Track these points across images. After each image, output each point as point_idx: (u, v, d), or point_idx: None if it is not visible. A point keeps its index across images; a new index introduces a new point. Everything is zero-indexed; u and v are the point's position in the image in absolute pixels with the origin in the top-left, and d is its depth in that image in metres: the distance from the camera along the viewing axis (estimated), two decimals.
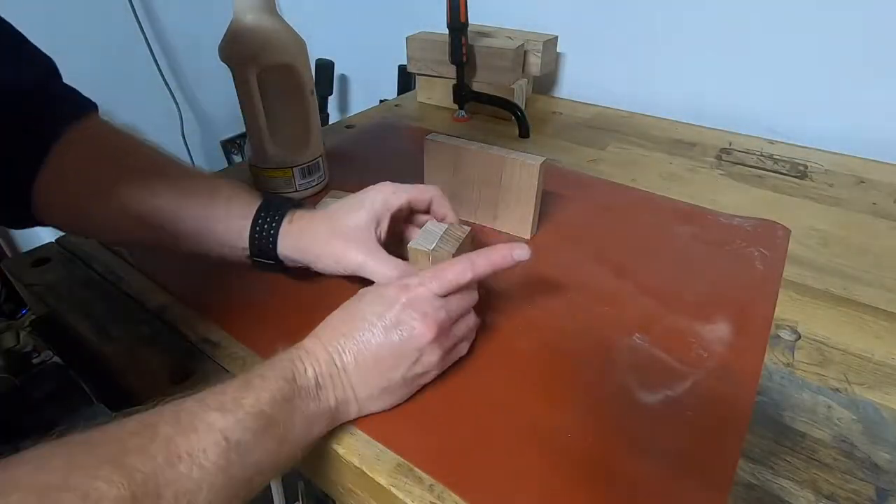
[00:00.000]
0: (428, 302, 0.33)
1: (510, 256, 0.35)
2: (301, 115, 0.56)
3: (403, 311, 0.32)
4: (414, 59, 0.85)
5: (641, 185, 0.62)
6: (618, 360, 0.38)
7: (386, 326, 0.32)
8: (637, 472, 0.30)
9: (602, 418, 0.33)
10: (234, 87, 0.51)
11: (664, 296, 0.44)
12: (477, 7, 0.76)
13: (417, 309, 0.32)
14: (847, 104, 0.71)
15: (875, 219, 0.56)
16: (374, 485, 0.31)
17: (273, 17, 0.50)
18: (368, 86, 1.32)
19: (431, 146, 0.52)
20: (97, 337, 0.40)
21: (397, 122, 0.82)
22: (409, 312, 0.32)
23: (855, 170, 0.66)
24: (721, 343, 0.39)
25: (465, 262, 0.34)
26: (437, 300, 0.33)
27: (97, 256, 0.49)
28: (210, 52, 0.52)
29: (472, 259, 0.34)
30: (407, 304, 0.32)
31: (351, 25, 1.23)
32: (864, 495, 0.30)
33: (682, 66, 0.81)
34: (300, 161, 0.56)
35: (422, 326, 0.32)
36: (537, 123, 0.79)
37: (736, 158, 0.69)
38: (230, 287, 0.45)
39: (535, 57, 0.81)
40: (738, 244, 0.51)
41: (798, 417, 0.34)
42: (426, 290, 0.33)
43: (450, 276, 0.33)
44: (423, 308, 0.32)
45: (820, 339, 0.41)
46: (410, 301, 0.32)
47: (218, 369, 0.37)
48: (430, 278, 0.33)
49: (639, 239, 0.52)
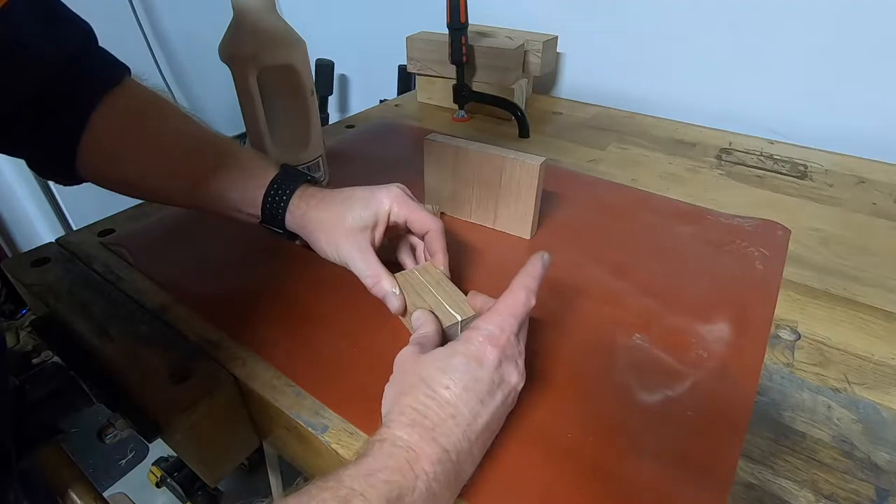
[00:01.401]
0: (513, 346, 0.31)
1: (544, 265, 0.34)
2: (301, 115, 0.55)
3: (500, 369, 0.30)
4: (414, 59, 0.85)
5: (641, 185, 0.62)
6: (618, 360, 0.38)
7: (492, 392, 0.29)
8: (637, 472, 0.30)
9: (602, 418, 0.33)
10: (234, 87, 0.51)
11: (664, 296, 0.44)
12: (477, 7, 0.76)
13: (510, 359, 0.31)
14: (847, 104, 0.71)
15: (875, 219, 0.56)
16: None
17: (273, 17, 0.50)
18: (368, 86, 1.32)
19: (431, 146, 0.52)
20: (97, 337, 0.40)
21: (397, 122, 0.82)
22: (506, 367, 0.30)
23: (855, 170, 0.66)
24: (721, 343, 0.39)
25: (524, 290, 0.32)
26: (516, 339, 0.32)
27: (97, 256, 0.49)
28: (210, 52, 0.52)
29: (527, 284, 0.32)
30: (502, 359, 0.30)
31: (351, 25, 1.23)
32: (864, 495, 0.30)
33: (683, 67, 0.81)
34: (300, 161, 0.56)
35: (517, 376, 0.31)
36: (537, 123, 0.79)
37: (736, 158, 0.69)
38: (230, 287, 0.45)
39: (535, 57, 0.81)
40: (738, 244, 0.51)
41: (798, 417, 0.34)
42: (510, 337, 0.31)
43: (521, 310, 0.32)
44: (513, 356, 0.31)
45: (820, 339, 0.41)
46: (504, 356, 0.30)
47: (218, 369, 0.37)
48: (506, 320, 0.31)
49: (639, 239, 0.52)
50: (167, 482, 1.00)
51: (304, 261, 0.47)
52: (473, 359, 0.29)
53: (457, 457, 0.27)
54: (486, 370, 0.29)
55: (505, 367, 0.30)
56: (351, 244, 0.39)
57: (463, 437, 0.27)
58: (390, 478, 0.24)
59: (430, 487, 0.25)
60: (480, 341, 0.30)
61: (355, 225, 0.40)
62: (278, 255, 0.49)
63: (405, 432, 0.26)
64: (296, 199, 0.41)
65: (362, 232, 0.40)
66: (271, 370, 0.37)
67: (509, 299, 0.32)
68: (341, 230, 0.40)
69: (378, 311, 0.42)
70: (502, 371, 0.30)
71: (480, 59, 0.78)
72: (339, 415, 0.34)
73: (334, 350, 0.39)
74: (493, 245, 0.51)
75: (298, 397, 0.35)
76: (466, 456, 0.28)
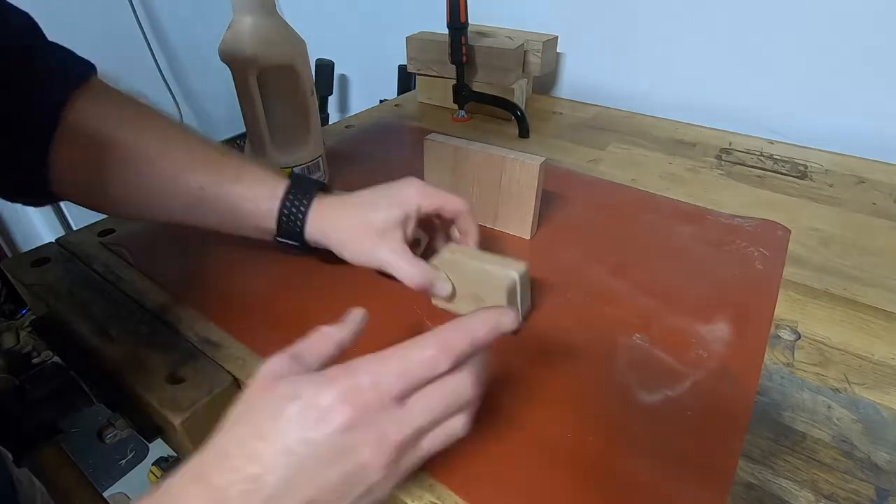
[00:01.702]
0: (385, 413, 0.22)
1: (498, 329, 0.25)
2: (301, 116, 0.55)
3: (350, 435, 0.21)
4: (414, 59, 0.85)
5: (641, 185, 0.62)
6: (618, 360, 0.38)
7: (328, 462, 0.21)
8: (637, 472, 0.30)
9: (602, 418, 0.33)
10: (234, 87, 0.51)
11: (664, 296, 0.44)
12: (477, 7, 0.76)
13: (370, 427, 0.22)
14: (847, 104, 0.71)
15: (875, 219, 0.56)
16: None
17: (273, 18, 0.50)
18: (368, 86, 1.32)
19: (431, 146, 0.52)
20: (97, 337, 0.40)
21: (397, 122, 0.82)
22: (360, 436, 0.22)
23: (855, 170, 0.66)
24: (721, 343, 0.39)
25: (435, 348, 0.23)
26: (396, 408, 0.22)
27: (97, 256, 0.49)
28: (210, 52, 0.52)
29: (448, 342, 0.23)
30: (357, 424, 0.21)
31: (351, 25, 1.23)
32: (864, 495, 0.30)
33: (683, 66, 0.81)
34: (300, 161, 0.56)
35: (376, 457, 0.22)
36: (537, 123, 0.79)
37: (736, 158, 0.69)
38: (230, 287, 0.45)
39: (535, 57, 0.81)
40: (738, 244, 0.51)
41: (798, 417, 0.34)
42: (383, 400, 0.22)
43: (417, 371, 0.23)
44: (379, 426, 0.22)
45: (820, 339, 0.41)
46: (362, 421, 0.22)
47: (218, 369, 0.37)
48: (388, 375, 0.22)
49: (639, 239, 0.52)
50: None
51: (304, 261, 0.47)
52: (314, 410, 0.21)
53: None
54: (325, 432, 0.21)
55: (359, 435, 0.21)
56: (385, 246, 0.38)
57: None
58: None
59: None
60: (332, 385, 0.22)
61: (387, 226, 0.38)
62: (278, 255, 0.49)
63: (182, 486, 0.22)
64: (315, 207, 0.39)
65: (393, 231, 0.38)
66: None
67: (410, 350, 0.23)
68: (372, 234, 0.38)
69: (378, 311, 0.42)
70: (353, 439, 0.21)
71: (480, 59, 0.78)
72: None
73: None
74: (493, 245, 0.50)
75: None
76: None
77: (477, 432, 0.32)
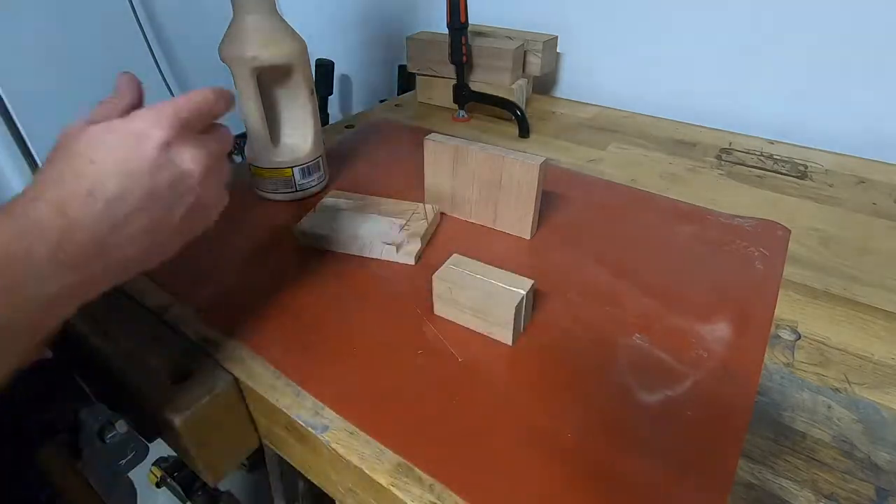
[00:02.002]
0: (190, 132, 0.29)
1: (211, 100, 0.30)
2: (301, 115, 0.56)
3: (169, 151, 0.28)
4: (414, 59, 0.85)
5: (641, 185, 0.62)
6: (618, 360, 0.38)
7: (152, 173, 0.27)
8: (637, 472, 0.30)
9: (602, 418, 0.33)
10: (234, 87, 0.51)
11: (664, 296, 0.44)
12: (477, 7, 0.76)
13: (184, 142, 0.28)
14: (847, 104, 0.71)
15: (875, 219, 0.56)
16: (374, 485, 0.31)
17: (273, 17, 0.50)
18: (368, 86, 1.32)
19: (431, 146, 0.52)
20: (97, 337, 0.40)
21: (397, 122, 0.82)
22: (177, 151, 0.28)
23: (855, 170, 0.66)
24: (721, 343, 0.39)
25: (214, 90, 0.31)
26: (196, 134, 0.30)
27: None
28: (210, 52, 0.52)
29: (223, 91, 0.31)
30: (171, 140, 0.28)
31: (351, 25, 1.23)
32: (864, 495, 0.30)
33: (682, 67, 0.81)
34: (300, 161, 0.56)
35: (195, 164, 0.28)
36: (537, 123, 0.79)
37: (736, 158, 0.69)
38: (230, 287, 0.45)
39: (535, 57, 0.81)
40: (738, 244, 0.51)
41: (798, 417, 0.34)
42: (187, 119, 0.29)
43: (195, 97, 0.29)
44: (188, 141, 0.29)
45: (820, 339, 0.41)
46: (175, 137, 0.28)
47: (218, 369, 0.37)
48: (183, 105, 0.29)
49: (639, 239, 0.52)
50: (167, 482, 1.00)
51: (304, 260, 0.47)
52: (132, 136, 0.27)
53: (92, 234, 0.25)
54: (147, 148, 0.27)
55: (176, 149, 0.28)
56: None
57: (104, 215, 0.25)
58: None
59: (57, 258, 0.24)
60: (143, 117, 0.27)
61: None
62: (278, 255, 0.49)
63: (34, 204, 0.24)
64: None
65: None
66: (271, 370, 0.37)
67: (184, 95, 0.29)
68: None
69: (378, 310, 0.42)
70: (172, 154, 0.28)
71: (480, 59, 0.78)
72: (339, 415, 0.34)
73: (334, 350, 0.39)
74: (492, 245, 0.51)
75: (298, 397, 0.35)
76: (115, 237, 0.26)
77: (477, 431, 0.33)
